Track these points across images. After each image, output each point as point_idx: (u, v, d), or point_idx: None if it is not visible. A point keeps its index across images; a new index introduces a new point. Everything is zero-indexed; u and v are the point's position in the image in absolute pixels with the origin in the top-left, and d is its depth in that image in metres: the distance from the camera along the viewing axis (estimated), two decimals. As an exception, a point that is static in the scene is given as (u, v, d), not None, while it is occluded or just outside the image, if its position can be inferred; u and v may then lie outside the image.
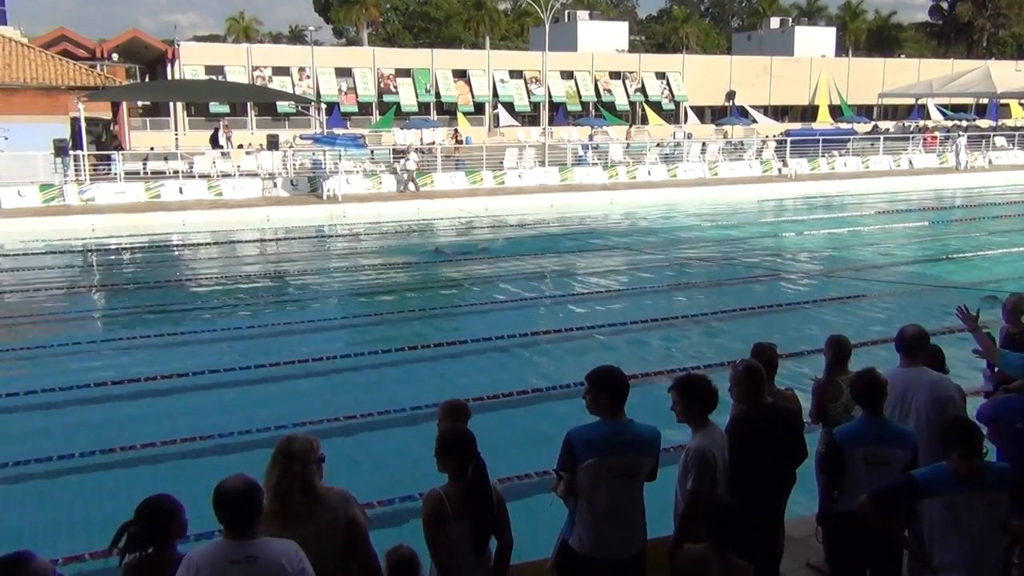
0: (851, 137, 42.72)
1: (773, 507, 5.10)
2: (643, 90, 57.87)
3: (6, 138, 27.51)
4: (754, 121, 55.55)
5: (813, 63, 63.35)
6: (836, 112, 60.50)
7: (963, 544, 4.27)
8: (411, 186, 29.86)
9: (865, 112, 62.00)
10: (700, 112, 58.36)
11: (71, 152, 26.88)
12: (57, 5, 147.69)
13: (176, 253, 22.72)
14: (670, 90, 58.70)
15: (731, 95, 58.22)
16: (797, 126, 56.72)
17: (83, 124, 27.62)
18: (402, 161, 30.63)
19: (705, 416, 4.72)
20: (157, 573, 3.70)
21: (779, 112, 61.77)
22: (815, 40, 68.88)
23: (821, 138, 40.28)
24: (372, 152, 32.88)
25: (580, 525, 4.51)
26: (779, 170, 36.36)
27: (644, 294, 16.63)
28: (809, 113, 62.12)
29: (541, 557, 5.03)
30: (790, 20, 76.50)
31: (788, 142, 38.22)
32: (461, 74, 54.29)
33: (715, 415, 4.82)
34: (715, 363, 10.64)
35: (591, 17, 67.92)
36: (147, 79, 51.73)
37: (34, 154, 26.66)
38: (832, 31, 73.73)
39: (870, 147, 41.34)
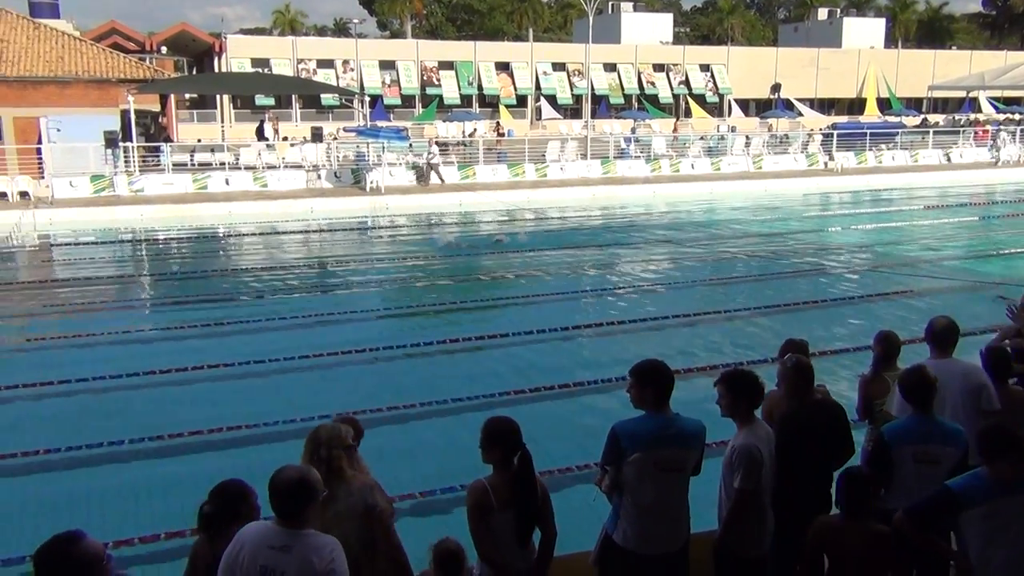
0: (899, 131, 41.98)
1: (819, 506, 5.02)
2: (687, 83, 57.41)
3: (58, 130, 28.10)
4: (800, 114, 54.82)
5: (861, 55, 62.33)
6: (884, 105, 59.46)
7: (1007, 550, 4.13)
8: (433, 178, 29.82)
9: (914, 105, 60.88)
10: (745, 105, 57.72)
11: (121, 144, 27.37)
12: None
13: (222, 243, 23.04)
14: (714, 83, 58.16)
15: (777, 87, 57.51)
16: (844, 119, 55.87)
17: (132, 116, 28.11)
18: (424, 154, 30.67)
19: (751, 412, 4.68)
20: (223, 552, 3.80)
21: (826, 105, 60.90)
22: (864, 31, 67.83)
23: (868, 131, 39.62)
24: (411, 145, 32.98)
25: (625, 520, 4.48)
26: (825, 164, 35.85)
27: (686, 288, 16.50)
28: (856, 106, 61.14)
29: (579, 549, 5.01)
30: (838, 11, 75.34)
31: (835, 135, 37.67)
32: (504, 67, 54.29)
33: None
34: (758, 359, 10.55)
35: (635, 9, 67.51)
36: (195, 72, 52.50)
37: (85, 146, 27.21)
38: (881, 22, 72.55)
39: (919, 141, 40.59)
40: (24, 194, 25.79)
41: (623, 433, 4.40)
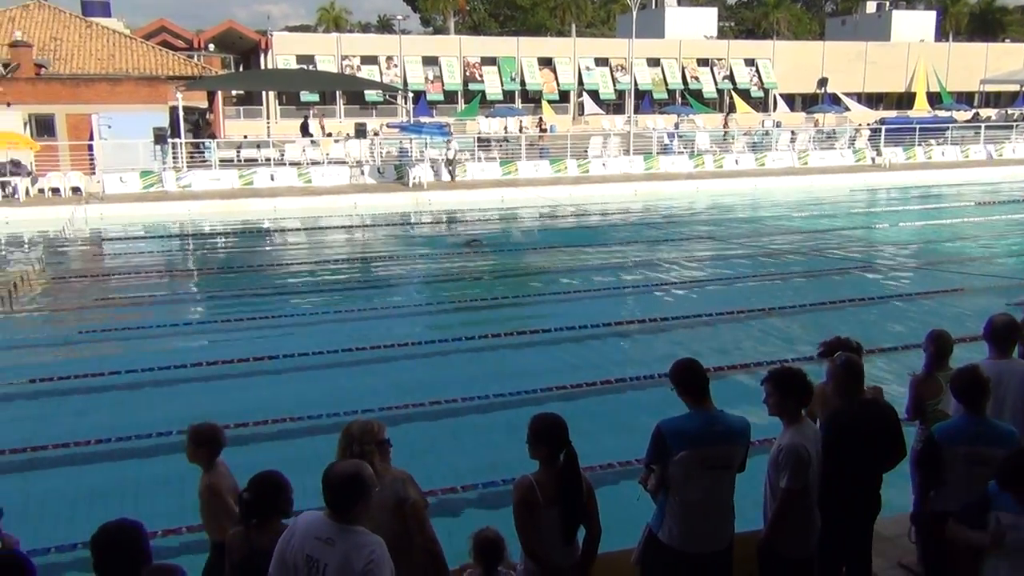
0: (950, 125, 41.16)
1: (867, 507, 4.97)
2: (731, 77, 56.78)
3: (109, 126, 28.64)
4: (847, 109, 53.96)
5: (911, 48, 61.12)
6: (934, 99, 58.30)
7: (1012, 564, 4.08)
8: (449, 175, 29.79)
9: (966, 99, 59.60)
10: (790, 100, 56.97)
11: (170, 140, 27.81)
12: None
13: (268, 238, 23.32)
14: (759, 77, 57.45)
15: (823, 82, 56.66)
16: (893, 114, 54.88)
17: (181, 113, 28.55)
18: (443, 150, 30.64)
19: (799, 411, 4.61)
20: (261, 542, 3.86)
21: (874, 99, 59.87)
22: (913, 24, 66.45)
23: (918, 126, 38.89)
24: (448, 142, 33.01)
25: (671, 518, 4.44)
26: (872, 159, 35.29)
27: (729, 285, 16.35)
28: (905, 100, 60.00)
29: (620, 547, 4.96)
30: (887, 4, 73.95)
31: (883, 130, 37.03)
32: (547, 62, 54.15)
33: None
34: (805, 357, 10.41)
35: (679, 3, 66.81)
36: (241, 69, 53.09)
37: (135, 142, 27.72)
38: (931, 15, 70.95)
39: (970, 136, 39.75)
40: (76, 189, 26.35)
41: (668, 431, 4.37)
